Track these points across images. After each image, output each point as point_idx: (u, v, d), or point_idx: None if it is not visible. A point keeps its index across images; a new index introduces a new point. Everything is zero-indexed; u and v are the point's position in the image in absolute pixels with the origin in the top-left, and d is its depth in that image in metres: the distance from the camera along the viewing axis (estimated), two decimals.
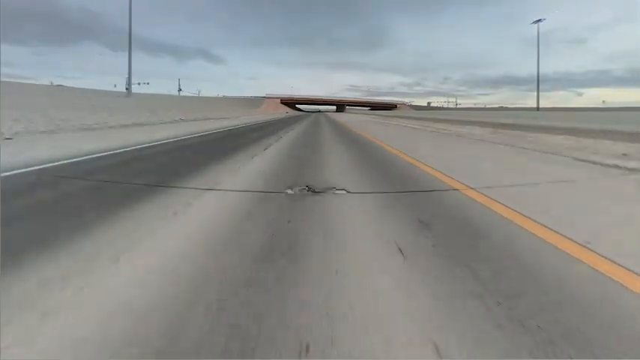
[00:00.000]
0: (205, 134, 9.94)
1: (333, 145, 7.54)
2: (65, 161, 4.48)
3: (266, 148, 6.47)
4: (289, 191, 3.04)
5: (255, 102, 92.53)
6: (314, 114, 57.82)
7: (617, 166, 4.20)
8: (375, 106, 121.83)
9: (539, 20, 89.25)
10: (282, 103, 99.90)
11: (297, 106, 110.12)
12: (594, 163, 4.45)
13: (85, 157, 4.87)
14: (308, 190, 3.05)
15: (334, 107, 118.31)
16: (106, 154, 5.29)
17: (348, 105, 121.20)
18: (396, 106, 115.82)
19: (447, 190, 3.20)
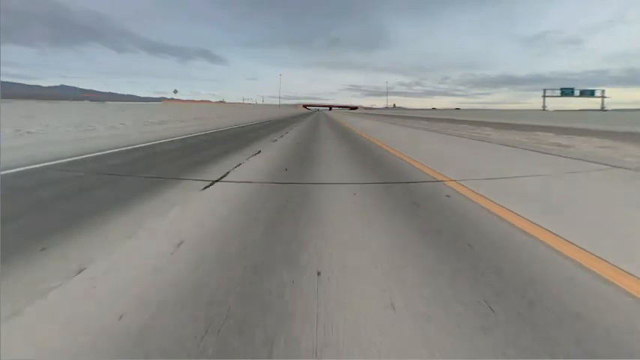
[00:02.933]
0: (300, 114, 53.09)
1: (321, 115, 46.59)
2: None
3: (312, 115, 48.58)
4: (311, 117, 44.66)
5: (293, 106, 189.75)
6: (316, 112, 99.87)
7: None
8: (350, 107, 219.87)
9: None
10: (303, 106, 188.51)
11: (307, 107, 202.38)
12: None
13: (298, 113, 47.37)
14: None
15: (327, 108, 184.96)
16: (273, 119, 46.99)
17: (334, 107, 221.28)
18: (357, 108, 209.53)
19: (351, 129, 18.49)
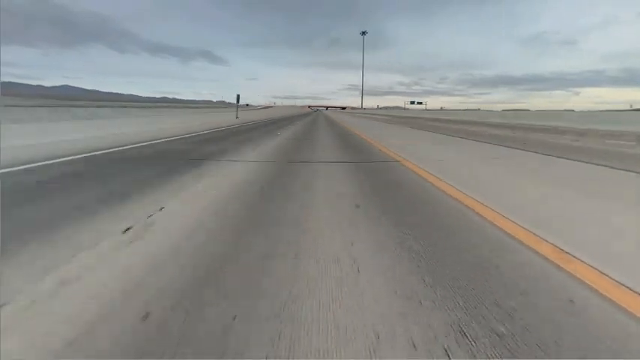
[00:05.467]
0: (307, 112, 65.54)
1: (320, 113, 55.85)
2: None
3: (315, 112, 62.31)
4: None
5: (301, 107, 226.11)
6: (316, 111, 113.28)
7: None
8: (341, 107, 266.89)
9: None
10: (308, 107, 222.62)
11: (310, 107, 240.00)
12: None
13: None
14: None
15: (325, 108, 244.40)
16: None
17: (330, 107, 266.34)
18: (345, 108, 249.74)
19: (336, 121, 22.45)
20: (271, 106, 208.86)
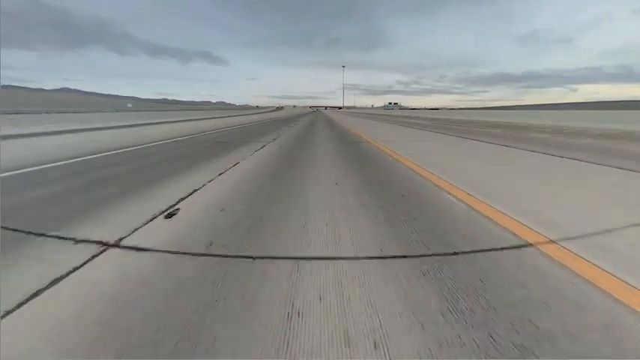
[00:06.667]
0: (309, 112, 68.29)
1: (319, 113, 54.48)
2: None
3: (315, 112, 63.60)
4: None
5: (303, 107, 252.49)
6: (316, 111, 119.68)
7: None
8: (338, 107, 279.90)
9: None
10: (309, 107, 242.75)
11: (311, 107, 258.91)
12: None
13: None
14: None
15: (324, 107, 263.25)
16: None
17: (329, 107, 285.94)
18: (341, 107, 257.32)
19: (333, 120, 20.89)
20: (282, 107, 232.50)
